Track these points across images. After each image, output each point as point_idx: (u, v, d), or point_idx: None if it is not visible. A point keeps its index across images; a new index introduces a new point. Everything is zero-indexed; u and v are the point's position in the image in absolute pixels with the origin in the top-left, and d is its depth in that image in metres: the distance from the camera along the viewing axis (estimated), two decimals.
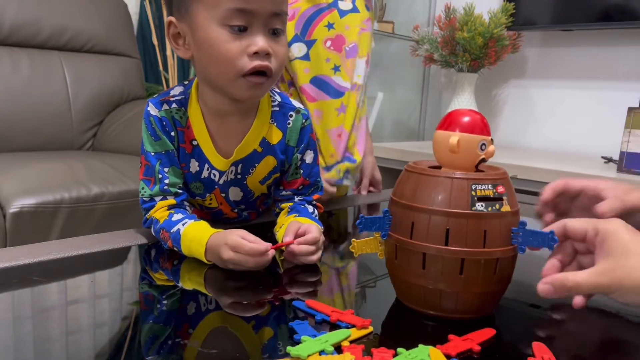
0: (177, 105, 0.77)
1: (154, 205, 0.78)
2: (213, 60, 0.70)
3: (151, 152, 0.77)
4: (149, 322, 0.55)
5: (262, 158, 0.80)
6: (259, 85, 0.71)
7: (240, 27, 0.68)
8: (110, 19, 2.17)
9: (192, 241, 0.71)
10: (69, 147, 2.01)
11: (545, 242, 0.54)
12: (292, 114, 0.81)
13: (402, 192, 0.58)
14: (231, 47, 0.68)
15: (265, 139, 0.80)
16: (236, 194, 0.83)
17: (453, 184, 0.55)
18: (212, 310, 0.59)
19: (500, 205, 0.55)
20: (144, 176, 0.79)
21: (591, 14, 2.03)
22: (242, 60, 0.68)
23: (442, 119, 0.59)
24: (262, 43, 0.68)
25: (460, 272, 0.54)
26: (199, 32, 0.70)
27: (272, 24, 0.69)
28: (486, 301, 0.57)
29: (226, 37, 0.68)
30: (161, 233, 0.75)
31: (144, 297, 0.64)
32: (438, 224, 0.54)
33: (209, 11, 0.68)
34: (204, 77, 0.75)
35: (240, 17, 0.67)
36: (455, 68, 2.25)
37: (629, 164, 1.67)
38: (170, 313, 0.58)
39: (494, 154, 0.57)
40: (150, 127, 0.77)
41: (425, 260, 0.55)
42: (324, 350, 0.47)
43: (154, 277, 0.71)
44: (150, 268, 0.74)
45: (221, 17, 0.68)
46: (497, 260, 0.55)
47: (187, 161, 0.79)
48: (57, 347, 0.51)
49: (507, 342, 0.54)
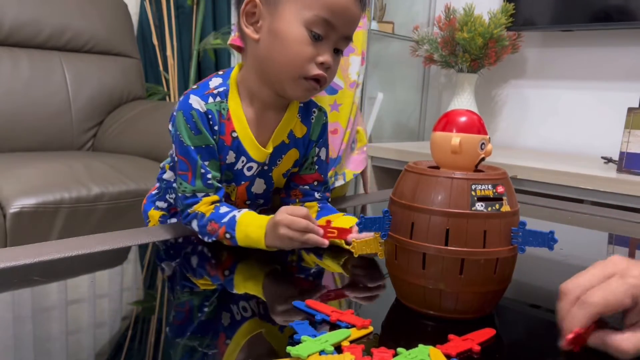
0: (220, 97, 0.77)
1: (197, 200, 0.77)
2: (283, 54, 0.72)
3: (191, 145, 0.76)
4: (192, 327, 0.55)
5: (289, 150, 0.83)
6: (313, 90, 0.75)
7: (319, 35, 0.71)
8: (110, 19, 2.17)
9: (249, 225, 0.72)
10: (69, 147, 2.01)
11: (545, 242, 0.54)
12: (315, 110, 0.85)
13: (402, 192, 0.58)
14: (305, 50, 0.71)
15: (292, 132, 0.83)
16: (260, 186, 0.85)
17: (453, 184, 0.55)
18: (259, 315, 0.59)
19: (500, 205, 0.55)
20: (180, 171, 0.77)
21: (591, 14, 2.03)
22: (309, 65, 0.72)
23: (439, 120, 0.59)
24: (329, 57, 0.73)
25: (460, 272, 0.54)
26: (280, 23, 0.72)
27: (339, 44, 0.74)
28: (486, 301, 0.57)
29: (304, 39, 0.71)
30: (209, 225, 0.75)
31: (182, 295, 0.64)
32: (438, 224, 0.54)
33: (299, 9, 0.71)
34: (260, 66, 0.76)
35: (325, 26, 0.71)
36: (455, 68, 2.25)
37: (629, 164, 1.67)
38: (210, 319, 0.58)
39: (491, 152, 0.58)
40: (190, 121, 0.75)
41: (425, 260, 0.55)
42: (324, 350, 0.47)
43: (196, 283, 0.71)
44: (188, 271, 0.74)
45: (308, 19, 0.70)
46: (497, 260, 0.55)
47: (224, 153, 0.79)
48: (57, 347, 0.51)
49: (507, 342, 0.54)
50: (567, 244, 0.91)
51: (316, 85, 0.74)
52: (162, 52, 2.53)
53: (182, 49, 2.59)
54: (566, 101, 2.24)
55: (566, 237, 0.95)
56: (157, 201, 0.94)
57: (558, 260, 0.83)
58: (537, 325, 0.59)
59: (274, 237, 0.71)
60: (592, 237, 1.05)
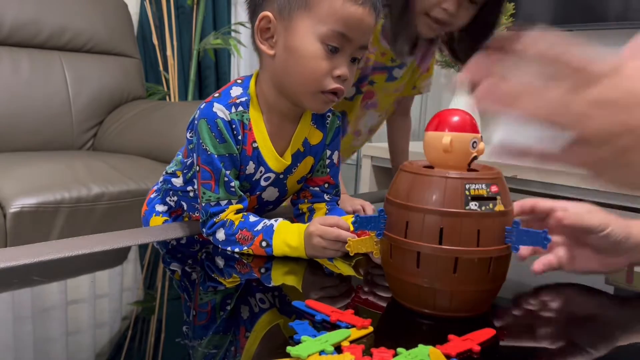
0: (242, 107, 0.77)
1: (223, 209, 0.76)
2: (299, 69, 0.72)
3: (215, 154, 0.75)
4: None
5: (304, 158, 0.84)
6: (330, 102, 0.75)
7: (334, 48, 0.71)
8: (110, 19, 2.17)
9: (287, 233, 0.72)
10: (69, 147, 2.01)
11: (538, 241, 0.54)
12: (329, 115, 0.85)
13: (397, 191, 0.58)
14: (321, 65, 0.71)
15: (307, 140, 0.83)
16: (272, 194, 0.85)
17: (447, 184, 0.55)
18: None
19: (494, 205, 0.55)
20: (203, 180, 0.76)
21: (591, 14, 2.03)
22: (326, 79, 0.72)
23: (431, 120, 0.59)
24: (346, 70, 0.72)
25: (454, 270, 0.55)
26: (295, 38, 0.71)
27: (356, 53, 0.74)
28: (481, 299, 0.58)
29: (320, 53, 0.71)
30: (239, 233, 0.74)
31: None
32: (432, 223, 0.55)
33: (314, 24, 0.70)
34: (277, 79, 0.76)
35: (340, 39, 0.71)
36: (455, 68, 2.25)
37: None
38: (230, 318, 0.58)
39: (484, 151, 0.58)
40: (215, 129, 0.75)
41: (420, 259, 0.55)
42: (324, 350, 0.47)
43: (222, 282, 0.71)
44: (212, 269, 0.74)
45: (323, 34, 0.70)
46: (490, 260, 0.55)
47: (245, 163, 0.79)
48: (57, 347, 0.51)
49: (507, 342, 0.54)
50: None
51: (334, 98, 0.74)
52: (162, 52, 2.52)
53: (182, 48, 2.59)
54: None
55: None
56: (156, 205, 0.93)
57: None
58: (536, 325, 0.59)
59: (310, 247, 0.71)
60: None
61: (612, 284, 0.75)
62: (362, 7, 0.70)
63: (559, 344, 0.54)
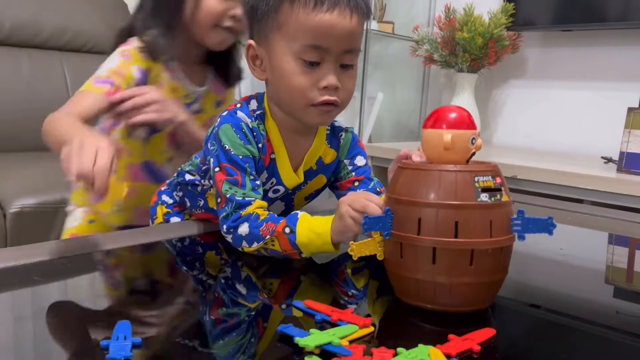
0: (259, 119, 0.78)
1: (249, 202, 0.74)
2: (284, 88, 0.73)
3: (239, 155, 0.74)
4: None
5: (315, 176, 0.83)
6: (327, 112, 0.74)
7: (313, 62, 0.70)
8: (110, 19, 2.17)
9: (312, 220, 0.70)
10: None
11: (544, 227, 0.55)
12: (342, 133, 0.85)
13: (402, 189, 0.58)
14: (302, 80, 0.71)
15: (321, 158, 0.83)
16: (278, 207, 0.84)
17: (457, 177, 0.55)
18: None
19: (501, 196, 0.56)
20: (228, 176, 0.74)
21: (591, 14, 2.03)
22: (312, 93, 0.71)
23: (428, 117, 0.60)
24: (332, 79, 0.71)
25: (471, 263, 0.55)
26: (274, 60, 0.72)
27: (343, 59, 0.72)
28: (492, 290, 0.59)
29: (299, 69, 0.71)
30: (264, 225, 0.71)
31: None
32: (447, 217, 0.55)
33: (287, 43, 0.71)
34: (276, 99, 0.77)
35: (315, 53, 0.70)
36: (455, 68, 2.25)
37: (629, 164, 1.67)
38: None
39: (481, 146, 0.59)
40: (240, 132, 0.74)
41: (436, 254, 0.55)
42: (332, 342, 0.47)
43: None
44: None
45: (297, 50, 0.70)
46: (501, 249, 0.56)
47: (260, 172, 0.78)
48: (57, 348, 0.51)
49: (507, 342, 0.54)
50: (567, 244, 0.91)
51: (329, 108, 0.73)
52: None
53: None
54: (566, 101, 2.24)
55: (566, 237, 0.95)
56: (164, 195, 0.94)
57: (558, 260, 0.83)
58: (536, 325, 0.59)
59: (338, 218, 0.69)
60: (592, 237, 1.05)
61: (612, 284, 0.75)
62: (329, 13, 0.68)
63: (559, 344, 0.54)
